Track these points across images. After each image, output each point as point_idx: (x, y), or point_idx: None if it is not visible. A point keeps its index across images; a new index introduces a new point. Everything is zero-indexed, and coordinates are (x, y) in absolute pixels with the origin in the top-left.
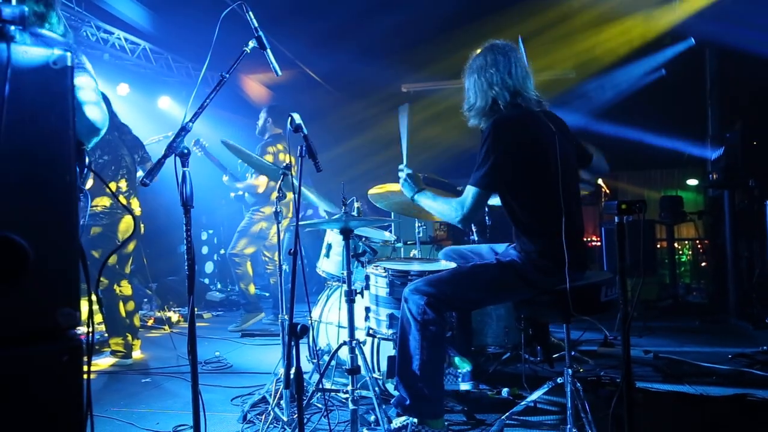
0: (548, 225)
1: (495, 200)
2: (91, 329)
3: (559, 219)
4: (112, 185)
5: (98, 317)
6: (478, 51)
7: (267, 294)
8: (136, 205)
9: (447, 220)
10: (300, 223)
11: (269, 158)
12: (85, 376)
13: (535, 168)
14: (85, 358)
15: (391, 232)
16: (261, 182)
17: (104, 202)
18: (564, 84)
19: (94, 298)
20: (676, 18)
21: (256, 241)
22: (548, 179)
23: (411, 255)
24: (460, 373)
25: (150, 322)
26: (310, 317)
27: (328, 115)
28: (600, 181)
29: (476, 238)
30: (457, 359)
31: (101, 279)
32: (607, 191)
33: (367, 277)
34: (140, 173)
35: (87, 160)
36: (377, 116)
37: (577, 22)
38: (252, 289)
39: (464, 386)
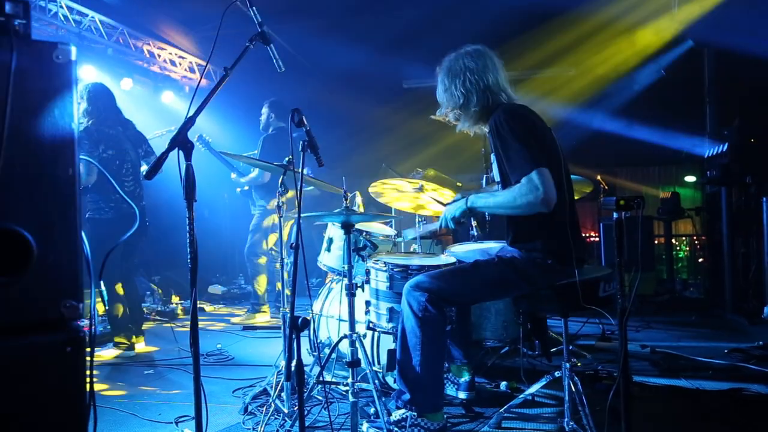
0: (554, 218)
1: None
2: (94, 321)
3: (564, 212)
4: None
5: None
6: (456, 54)
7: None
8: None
9: (528, 210)
10: (302, 215)
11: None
12: (88, 368)
13: (547, 156)
14: (88, 350)
15: (391, 226)
16: (266, 173)
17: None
18: (568, 81)
19: (103, 287)
20: (679, 26)
21: (270, 235)
22: (557, 170)
23: (411, 249)
24: (459, 382)
25: (153, 316)
26: (311, 310)
27: (325, 110)
28: (599, 177)
29: (476, 233)
30: (455, 368)
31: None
32: (606, 187)
33: (368, 271)
34: (144, 167)
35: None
36: (378, 113)
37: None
38: (263, 288)
39: (462, 395)
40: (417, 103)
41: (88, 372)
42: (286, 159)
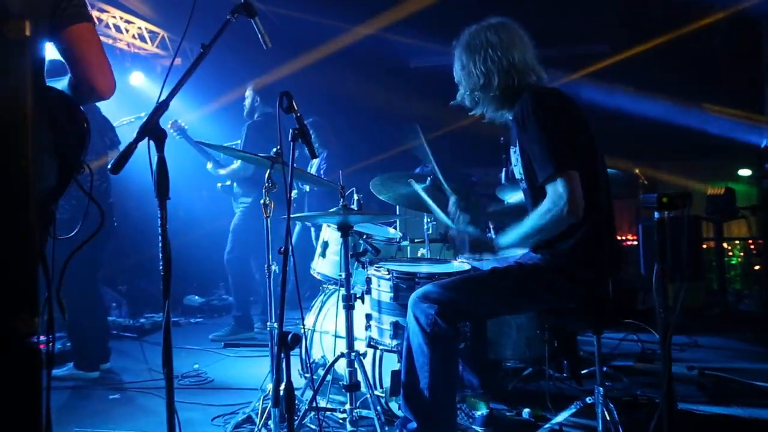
0: (585, 219)
1: (518, 196)
2: (51, 337)
3: (599, 213)
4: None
5: None
6: (475, 28)
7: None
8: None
9: (558, 225)
10: (292, 216)
11: None
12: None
13: (582, 152)
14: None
15: (396, 228)
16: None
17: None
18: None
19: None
20: None
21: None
22: (591, 164)
23: (418, 255)
24: (474, 415)
25: (119, 331)
26: (303, 325)
27: (318, 93)
28: (637, 171)
29: (494, 236)
30: (470, 399)
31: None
32: (646, 182)
33: (369, 280)
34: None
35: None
36: (380, 97)
37: None
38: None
39: (478, 431)
40: (425, 85)
41: (45, 396)
42: (274, 150)
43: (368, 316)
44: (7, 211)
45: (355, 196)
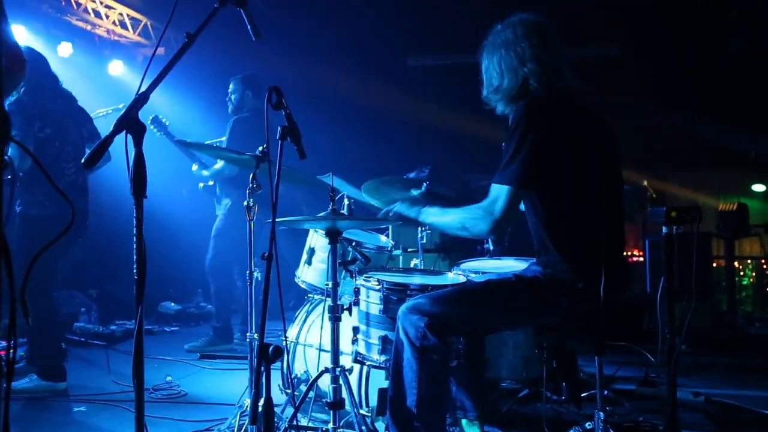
0: (585, 236)
1: None
2: (13, 343)
3: (599, 228)
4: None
5: None
6: (501, 25)
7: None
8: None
9: (473, 232)
10: (277, 220)
11: None
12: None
13: (577, 162)
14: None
15: (388, 236)
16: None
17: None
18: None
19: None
20: None
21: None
22: (590, 178)
23: (411, 265)
24: None
25: (88, 338)
26: (285, 337)
27: (308, 90)
28: (645, 183)
29: (492, 248)
30: (465, 422)
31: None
32: (654, 195)
33: (357, 291)
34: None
35: None
36: (376, 95)
37: None
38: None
39: None
40: (424, 85)
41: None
42: (260, 149)
43: (355, 329)
44: None
45: (346, 201)
